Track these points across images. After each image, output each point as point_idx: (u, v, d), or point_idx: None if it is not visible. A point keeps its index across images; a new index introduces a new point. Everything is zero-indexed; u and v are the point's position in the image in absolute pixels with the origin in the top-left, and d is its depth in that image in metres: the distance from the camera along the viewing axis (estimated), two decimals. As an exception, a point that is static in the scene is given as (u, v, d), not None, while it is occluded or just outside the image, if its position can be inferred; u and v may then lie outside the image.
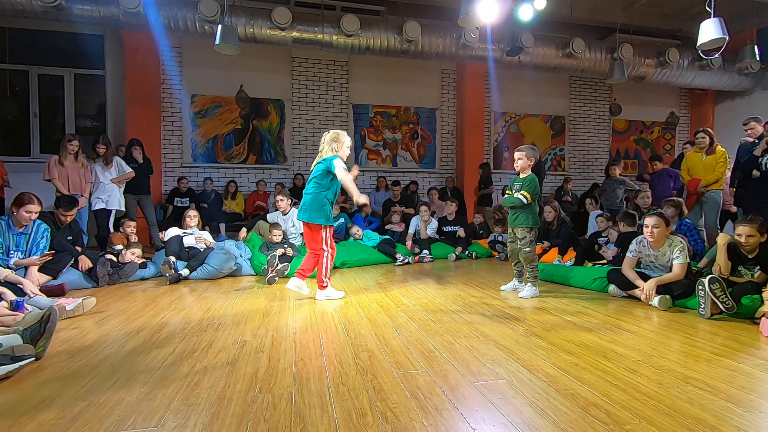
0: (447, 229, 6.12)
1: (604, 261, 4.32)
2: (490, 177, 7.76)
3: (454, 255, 5.62)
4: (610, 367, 1.92)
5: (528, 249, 3.46)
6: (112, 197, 5.22)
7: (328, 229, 3.25)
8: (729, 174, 5.02)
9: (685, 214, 4.31)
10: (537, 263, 3.56)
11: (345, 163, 3.27)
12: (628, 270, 3.34)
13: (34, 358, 1.94)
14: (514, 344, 2.24)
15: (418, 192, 7.97)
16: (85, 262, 3.81)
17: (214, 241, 4.67)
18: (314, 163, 3.35)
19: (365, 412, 1.50)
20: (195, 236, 4.50)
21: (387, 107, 8.39)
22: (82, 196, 4.92)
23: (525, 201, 3.42)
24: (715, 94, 9.14)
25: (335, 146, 3.27)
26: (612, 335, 2.40)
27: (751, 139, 4.55)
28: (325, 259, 3.22)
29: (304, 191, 3.33)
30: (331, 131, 3.34)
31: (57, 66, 6.97)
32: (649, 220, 3.21)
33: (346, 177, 3.15)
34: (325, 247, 3.23)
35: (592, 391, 1.66)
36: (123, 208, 5.37)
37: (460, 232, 5.93)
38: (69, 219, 3.99)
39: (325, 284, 3.26)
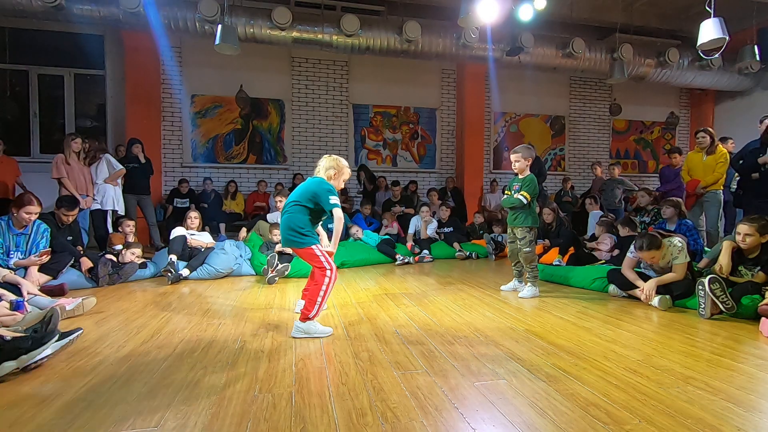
0: (441, 230, 6.13)
1: (602, 261, 4.32)
2: (374, 175, 7.69)
3: (462, 253, 5.65)
4: (610, 367, 1.92)
5: (528, 249, 3.46)
6: (106, 197, 5.22)
7: (315, 247, 2.47)
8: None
9: (685, 214, 4.30)
10: (537, 263, 3.56)
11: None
12: (628, 270, 3.34)
13: (82, 330, 2.13)
14: (514, 344, 2.24)
15: (417, 192, 7.97)
16: (86, 264, 3.81)
17: (214, 242, 4.68)
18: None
19: (365, 412, 1.50)
20: (195, 240, 4.49)
21: (387, 107, 8.39)
22: (87, 195, 4.92)
23: (525, 201, 3.42)
24: (715, 94, 9.14)
25: (332, 174, 2.65)
26: (612, 335, 2.40)
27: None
28: (325, 283, 2.40)
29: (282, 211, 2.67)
30: (332, 156, 2.74)
31: (57, 66, 6.97)
32: (643, 255, 3.14)
33: (340, 226, 2.52)
34: (326, 266, 2.42)
35: (592, 391, 1.66)
36: (117, 208, 5.35)
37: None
38: (70, 219, 3.99)
39: (311, 315, 2.39)
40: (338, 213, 2.50)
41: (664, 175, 6.18)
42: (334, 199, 2.52)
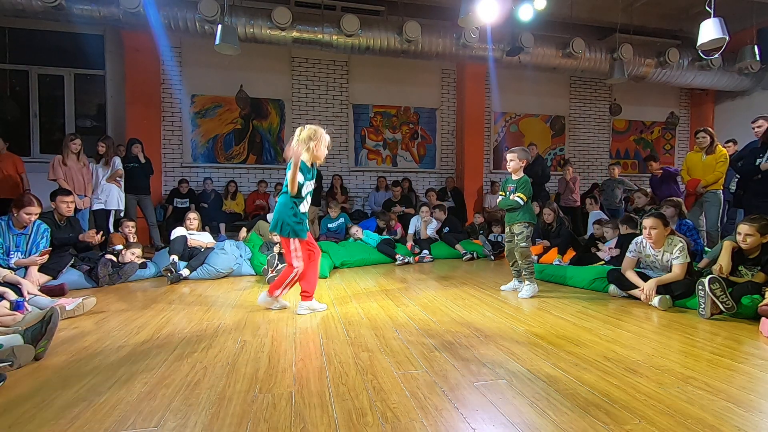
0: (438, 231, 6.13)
1: (602, 262, 4.32)
2: (320, 174, 7.66)
3: (469, 255, 5.60)
4: (610, 367, 1.92)
5: (524, 244, 3.48)
6: (110, 197, 5.22)
7: (297, 242, 2.82)
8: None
9: (685, 214, 4.30)
10: (532, 259, 3.56)
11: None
12: (627, 270, 3.34)
13: (10, 363, 1.87)
14: (514, 344, 2.24)
15: (412, 188, 7.96)
16: (90, 237, 3.79)
17: (214, 242, 4.68)
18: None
19: (365, 412, 1.50)
20: (196, 240, 4.50)
21: (387, 107, 8.39)
22: (86, 196, 4.91)
23: (521, 203, 3.47)
24: (715, 94, 9.14)
25: (312, 145, 2.80)
26: (612, 335, 2.40)
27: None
28: (291, 275, 2.85)
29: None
30: (308, 127, 2.84)
31: (57, 66, 6.97)
32: (647, 222, 3.21)
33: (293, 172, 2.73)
34: (295, 263, 2.83)
35: (592, 391, 1.66)
36: (122, 208, 5.36)
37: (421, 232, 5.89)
38: (70, 207, 3.90)
39: (277, 294, 2.91)
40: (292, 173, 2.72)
41: (654, 183, 6.17)
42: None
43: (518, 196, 3.46)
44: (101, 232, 3.91)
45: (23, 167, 5.23)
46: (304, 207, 2.87)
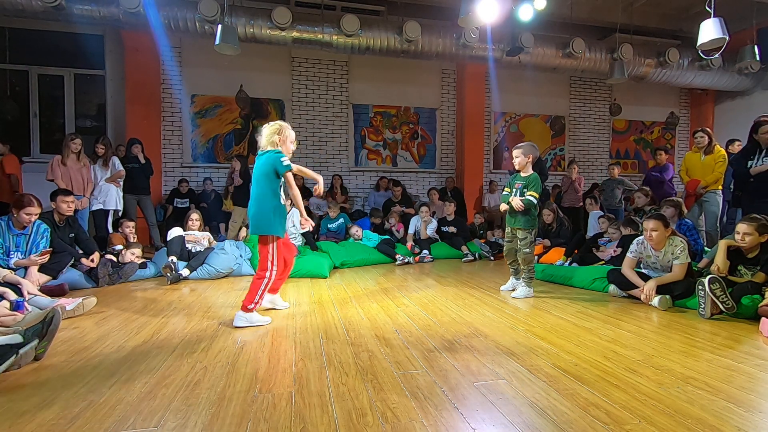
0: (444, 229, 6.12)
1: (602, 262, 4.32)
2: (249, 171, 7.46)
3: (471, 256, 5.60)
4: (610, 367, 1.92)
5: (527, 250, 3.45)
6: (109, 197, 5.23)
7: (275, 243, 2.67)
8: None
9: (685, 214, 4.30)
10: (534, 265, 3.55)
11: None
12: (628, 270, 3.34)
13: (36, 341, 1.93)
14: (514, 344, 2.24)
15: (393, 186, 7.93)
16: (87, 261, 3.81)
17: (215, 241, 4.68)
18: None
19: (365, 412, 1.50)
20: (196, 238, 4.50)
21: (387, 107, 8.39)
22: (84, 196, 4.91)
23: (535, 201, 3.38)
24: (715, 94, 9.14)
25: (276, 140, 2.68)
26: (612, 335, 2.40)
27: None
28: (264, 282, 2.61)
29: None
30: (274, 123, 2.74)
31: (57, 66, 6.97)
32: (647, 224, 3.20)
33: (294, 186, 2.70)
34: (269, 266, 2.63)
35: (592, 391, 1.66)
36: (121, 208, 5.36)
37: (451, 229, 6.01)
38: (69, 207, 3.87)
39: (251, 307, 2.60)
40: (290, 177, 2.68)
41: (650, 181, 6.20)
42: (286, 161, 2.63)
43: (531, 195, 3.38)
44: (93, 257, 3.94)
45: (19, 168, 5.25)
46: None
